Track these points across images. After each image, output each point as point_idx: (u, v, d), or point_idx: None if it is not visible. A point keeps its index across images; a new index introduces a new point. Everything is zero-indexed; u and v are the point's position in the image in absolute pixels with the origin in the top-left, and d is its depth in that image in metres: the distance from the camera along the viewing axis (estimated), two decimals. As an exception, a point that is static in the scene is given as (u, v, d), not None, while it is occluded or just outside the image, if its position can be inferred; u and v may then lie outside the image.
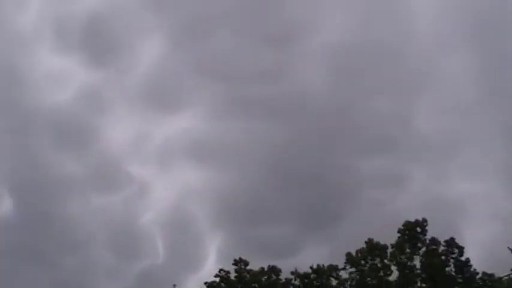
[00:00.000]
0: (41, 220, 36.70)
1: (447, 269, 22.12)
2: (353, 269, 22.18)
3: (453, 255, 22.11)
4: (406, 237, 22.19)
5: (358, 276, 22.16)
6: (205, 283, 20.17)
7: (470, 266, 21.89)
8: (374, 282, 21.75)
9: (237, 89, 44.71)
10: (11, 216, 37.92)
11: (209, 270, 20.32)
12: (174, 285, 20.00)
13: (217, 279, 20.17)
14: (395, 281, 22.02)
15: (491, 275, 21.31)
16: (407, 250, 22.02)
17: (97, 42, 47.44)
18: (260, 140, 41.29)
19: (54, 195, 38.84)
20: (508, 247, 19.68)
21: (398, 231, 22.42)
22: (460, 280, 21.93)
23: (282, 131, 40.82)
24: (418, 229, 22.40)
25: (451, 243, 22.29)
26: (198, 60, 46.69)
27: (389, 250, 22.33)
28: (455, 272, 22.02)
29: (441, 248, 22.24)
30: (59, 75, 47.17)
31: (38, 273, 33.98)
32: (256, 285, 20.40)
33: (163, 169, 45.98)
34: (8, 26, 47.43)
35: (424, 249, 22.26)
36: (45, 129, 43.09)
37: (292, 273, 22.06)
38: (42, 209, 37.59)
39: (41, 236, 35.58)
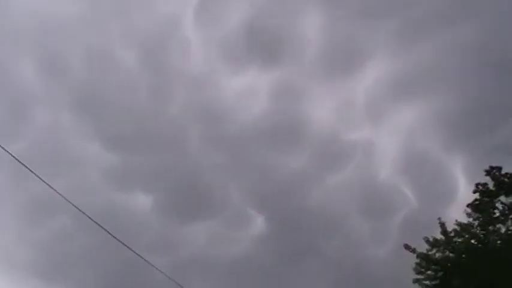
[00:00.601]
0: (290, 222, 38.85)
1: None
2: None
3: None
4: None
5: None
6: (468, 205, 19.77)
7: None
8: None
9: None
10: (265, 231, 40.93)
11: (464, 194, 19.91)
12: (439, 218, 20.03)
13: (477, 195, 19.63)
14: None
15: None
16: None
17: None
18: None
19: (289, 193, 40.78)
20: None
21: None
22: None
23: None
24: None
25: None
26: None
27: None
28: None
29: None
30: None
31: (313, 268, 37.20)
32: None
33: (376, 123, 45.68)
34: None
35: None
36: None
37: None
38: (287, 213, 39.54)
39: (297, 237, 38.07)
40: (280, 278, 35.82)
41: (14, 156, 10.94)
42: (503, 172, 18.78)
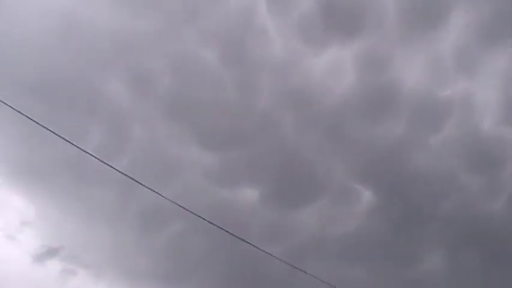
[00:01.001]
0: (398, 191, 38.65)
1: None
2: None
3: None
4: None
5: None
6: None
7: None
8: None
9: None
10: (374, 203, 40.29)
11: None
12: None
13: None
14: None
15: None
16: None
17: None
18: None
19: (392, 161, 40.14)
20: None
21: None
22: None
23: None
24: None
25: None
26: None
27: None
28: None
29: None
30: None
31: (429, 233, 36.33)
32: None
33: (469, 74, 41.40)
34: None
35: None
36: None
37: None
38: (394, 182, 39.13)
39: (408, 205, 37.70)
40: (396, 247, 35.33)
41: (122, 173, 11.50)
42: None
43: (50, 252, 34.49)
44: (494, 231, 30.37)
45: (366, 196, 40.92)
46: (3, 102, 9.56)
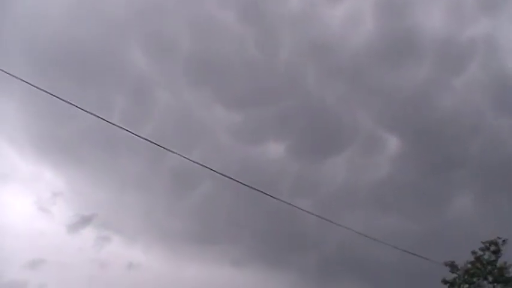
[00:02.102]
0: (425, 136, 38.29)
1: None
2: None
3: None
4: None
5: None
6: None
7: None
8: None
9: None
10: (401, 149, 40.41)
11: None
12: None
13: None
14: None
15: None
16: None
17: None
18: None
19: (418, 106, 39.66)
20: None
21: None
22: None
23: None
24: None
25: None
26: None
27: None
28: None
29: None
30: None
31: (458, 176, 36.17)
32: None
33: (492, 13, 40.93)
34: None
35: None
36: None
37: None
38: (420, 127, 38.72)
39: (435, 149, 37.47)
40: (425, 192, 35.32)
41: (148, 140, 11.69)
42: None
43: (83, 221, 35.44)
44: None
45: (393, 143, 40.95)
46: (25, 81, 9.74)
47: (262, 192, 13.50)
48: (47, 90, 9.95)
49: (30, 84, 9.93)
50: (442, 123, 37.75)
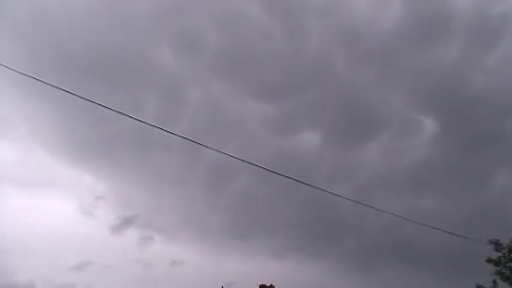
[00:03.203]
0: (461, 115, 37.81)
1: None
2: None
3: None
4: None
5: None
6: None
7: None
8: None
9: None
10: (438, 130, 39.92)
11: None
12: None
13: None
14: None
15: None
16: None
17: None
18: None
19: (452, 86, 38.95)
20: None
21: None
22: None
23: None
24: None
25: None
26: None
27: None
28: None
29: None
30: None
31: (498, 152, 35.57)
32: None
33: None
34: None
35: None
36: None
37: None
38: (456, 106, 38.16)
39: (472, 128, 36.99)
40: (463, 172, 34.86)
41: (182, 136, 11.86)
42: None
43: (125, 222, 36.09)
44: None
45: (428, 125, 40.38)
46: (59, 87, 10.00)
47: (297, 181, 13.52)
48: (80, 95, 10.21)
49: (63, 89, 10.20)
50: (476, 101, 37.08)
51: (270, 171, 13.10)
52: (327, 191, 14.65)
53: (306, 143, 41.80)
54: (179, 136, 11.71)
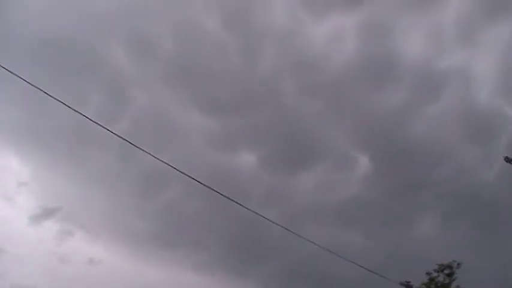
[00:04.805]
0: (395, 158, 38.95)
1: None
2: None
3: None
4: None
5: None
6: None
7: None
8: None
9: None
10: (371, 170, 40.89)
11: None
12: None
13: None
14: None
15: None
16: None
17: None
18: None
19: (391, 129, 40.42)
20: None
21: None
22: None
23: None
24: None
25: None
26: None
27: None
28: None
29: None
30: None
31: (424, 200, 36.54)
32: None
33: (469, 46, 42.90)
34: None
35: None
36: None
37: None
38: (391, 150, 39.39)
39: (404, 172, 37.93)
40: (392, 214, 35.92)
41: (121, 137, 11.71)
42: None
43: (47, 213, 35.06)
44: (486, 200, 30.81)
45: (364, 163, 41.53)
46: (1, 66, 9.71)
47: (230, 199, 13.58)
48: (22, 77, 9.94)
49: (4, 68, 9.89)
50: (412, 147, 38.56)
51: (203, 184, 13.09)
52: (256, 213, 14.77)
53: (243, 162, 42.21)
54: (117, 135, 11.57)
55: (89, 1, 39.65)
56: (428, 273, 19.55)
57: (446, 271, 19.32)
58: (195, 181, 13.02)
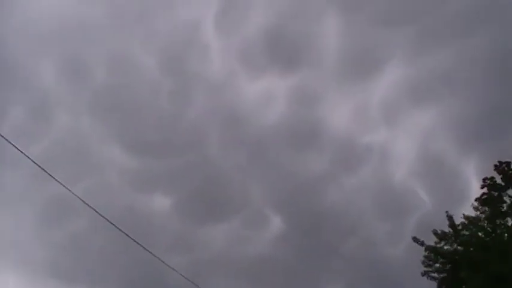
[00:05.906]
0: (307, 223, 39.34)
1: None
2: None
3: None
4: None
5: None
6: (476, 199, 19.91)
7: None
8: None
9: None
10: (283, 231, 41.45)
11: (477, 195, 20.32)
12: (447, 212, 20.25)
13: (485, 189, 19.67)
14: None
15: None
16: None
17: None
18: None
19: (307, 194, 41.25)
20: None
21: None
22: None
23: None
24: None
25: None
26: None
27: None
28: None
29: None
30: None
31: (332, 266, 37.32)
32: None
33: (391, 126, 45.81)
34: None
35: None
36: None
37: None
38: (305, 214, 39.91)
39: (315, 237, 38.66)
40: (299, 276, 36.32)
41: (33, 161, 11.53)
42: (512, 167, 18.97)
43: None
44: (391, 274, 31.93)
45: (277, 222, 42.09)
46: None
47: (134, 240, 13.52)
48: None
49: None
50: (326, 214, 39.63)
51: (108, 221, 13.00)
52: (158, 258, 14.69)
53: (157, 205, 41.68)
54: (29, 158, 11.40)
55: (31, 19, 38.92)
56: None
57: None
58: (103, 218, 12.95)
